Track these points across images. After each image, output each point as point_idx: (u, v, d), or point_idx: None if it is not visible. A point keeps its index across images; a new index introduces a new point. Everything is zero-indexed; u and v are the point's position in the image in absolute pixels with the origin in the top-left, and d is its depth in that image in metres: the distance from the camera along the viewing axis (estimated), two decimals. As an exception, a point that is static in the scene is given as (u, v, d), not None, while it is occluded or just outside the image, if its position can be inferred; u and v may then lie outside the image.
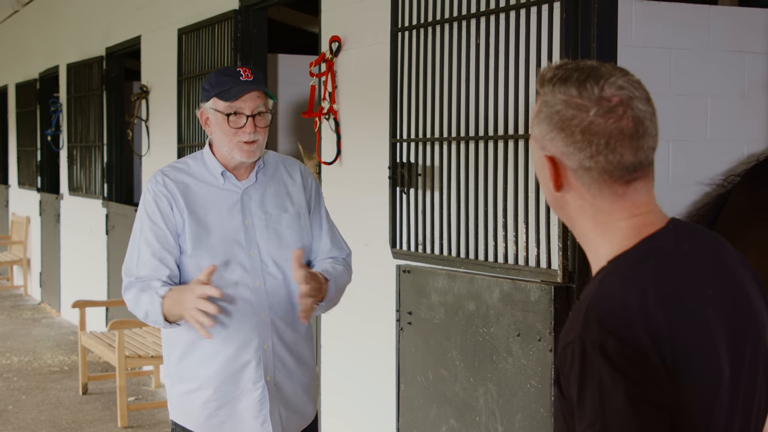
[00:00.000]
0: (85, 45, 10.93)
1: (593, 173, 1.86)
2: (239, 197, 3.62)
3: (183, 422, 3.68)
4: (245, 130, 3.53)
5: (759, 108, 5.38)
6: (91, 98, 10.67)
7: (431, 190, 4.93)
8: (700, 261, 1.90)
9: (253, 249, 3.59)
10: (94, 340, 8.18)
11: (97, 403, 8.10)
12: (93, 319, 10.12)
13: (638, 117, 1.85)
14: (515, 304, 4.32)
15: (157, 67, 8.84)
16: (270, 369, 3.61)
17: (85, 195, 10.93)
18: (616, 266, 1.85)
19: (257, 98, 3.55)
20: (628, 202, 1.88)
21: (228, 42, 7.14)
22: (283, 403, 3.65)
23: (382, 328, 5.34)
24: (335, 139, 5.83)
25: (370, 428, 5.59)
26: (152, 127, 9.04)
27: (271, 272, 3.61)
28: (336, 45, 5.78)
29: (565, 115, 1.86)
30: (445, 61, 4.82)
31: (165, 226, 3.54)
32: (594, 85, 1.85)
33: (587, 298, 1.83)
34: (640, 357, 1.72)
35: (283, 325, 3.63)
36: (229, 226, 3.58)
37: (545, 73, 1.93)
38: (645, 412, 1.71)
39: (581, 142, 1.85)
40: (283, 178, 3.74)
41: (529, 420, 4.24)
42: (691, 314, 1.82)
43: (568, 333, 1.80)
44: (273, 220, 3.64)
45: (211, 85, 3.58)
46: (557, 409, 1.89)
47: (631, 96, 1.85)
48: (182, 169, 3.65)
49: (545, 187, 1.97)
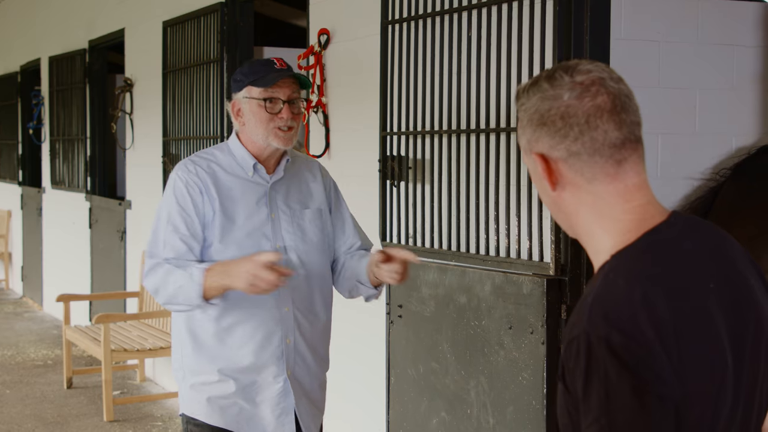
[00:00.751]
0: (67, 38, 10.87)
1: (583, 156, 1.86)
2: (266, 190, 3.61)
3: (196, 415, 3.64)
4: (282, 115, 3.53)
5: (748, 101, 5.39)
6: (73, 91, 10.62)
7: (422, 183, 4.93)
8: (703, 254, 1.90)
9: (279, 242, 3.58)
10: (79, 334, 8.14)
11: (82, 397, 8.07)
12: (76, 313, 10.09)
13: (613, 93, 1.86)
14: (507, 297, 4.31)
15: (141, 60, 8.80)
16: (291, 364, 3.61)
17: (67, 189, 10.88)
18: (620, 261, 1.85)
19: (292, 84, 3.56)
20: (620, 184, 1.87)
21: (214, 35, 7.11)
22: (303, 399, 3.66)
23: (373, 321, 5.34)
24: (324, 132, 5.82)
25: (361, 421, 5.58)
26: (136, 120, 9.00)
27: (295, 267, 3.60)
28: (325, 38, 5.77)
29: (542, 109, 1.88)
30: (436, 54, 4.81)
31: (195, 214, 3.53)
32: (563, 74, 1.88)
33: (591, 293, 1.82)
34: (645, 351, 1.72)
35: (305, 320, 3.65)
36: (256, 219, 3.58)
37: (519, 90, 1.97)
38: (651, 406, 1.71)
39: (563, 129, 1.86)
40: (304, 175, 3.75)
41: (521, 412, 4.25)
42: (695, 308, 1.81)
43: (573, 328, 1.80)
44: (297, 215, 3.65)
45: (244, 75, 3.57)
46: (562, 404, 1.89)
47: (601, 77, 1.87)
48: (211, 159, 3.64)
49: (542, 190, 1.97)
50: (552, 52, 4.14)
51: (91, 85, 10.23)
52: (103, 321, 7.36)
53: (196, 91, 7.45)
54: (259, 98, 3.53)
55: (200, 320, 3.57)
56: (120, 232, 9.28)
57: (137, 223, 8.94)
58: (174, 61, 7.87)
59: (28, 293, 12.85)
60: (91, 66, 10.21)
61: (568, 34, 4.10)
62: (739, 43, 5.39)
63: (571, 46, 4.09)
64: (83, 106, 10.35)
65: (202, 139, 7.32)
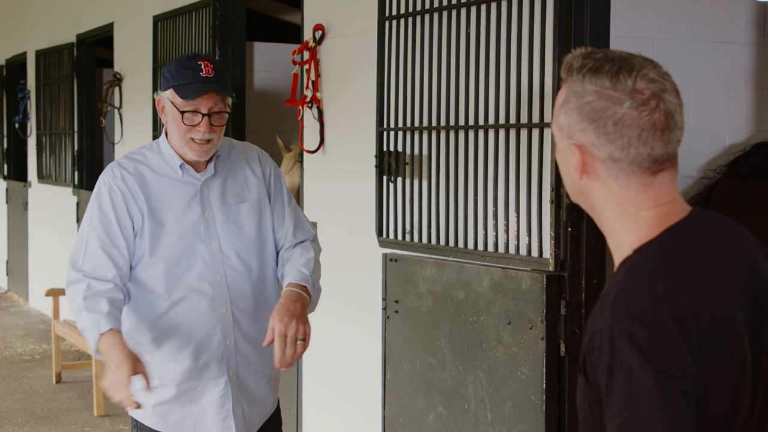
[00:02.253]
0: (54, 32, 10.83)
1: (622, 164, 1.88)
2: (198, 189, 3.55)
3: (143, 419, 3.63)
4: (199, 129, 3.43)
5: (741, 98, 5.43)
6: (61, 85, 10.59)
7: (419, 179, 4.94)
8: (723, 250, 1.93)
9: (213, 242, 3.53)
10: (69, 328, 8.14)
11: (72, 392, 8.06)
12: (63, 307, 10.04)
13: (669, 110, 1.87)
14: (506, 293, 4.33)
15: (131, 54, 8.78)
16: (233, 364, 3.57)
17: (54, 183, 10.85)
18: (642, 255, 1.87)
19: (215, 96, 3.44)
20: (653, 193, 1.90)
21: (206, 29, 7.10)
22: (246, 398, 3.62)
23: (369, 317, 5.35)
24: (318, 128, 5.82)
25: (357, 417, 5.59)
26: (126, 114, 8.98)
27: (232, 265, 3.56)
28: (320, 33, 5.77)
29: (598, 107, 1.88)
30: (434, 51, 4.82)
31: (116, 221, 3.45)
32: (627, 77, 1.87)
33: (614, 287, 1.85)
34: (668, 345, 1.75)
35: (247, 319, 3.59)
36: (188, 220, 3.52)
37: (572, 61, 1.95)
38: (674, 399, 1.73)
39: (613, 134, 1.87)
40: (241, 166, 3.67)
41: (520, 407, 4.27)
42: (716, 302, 1.84)
43: (596, 321, 1.82)
44: (233, 211, 3.58)
45: (171, 74, 3.47)
46: (582, 396, 1.92)
47: (662, 89, 1.87)
48: (140, 161, 3.56)
49: (567, 176, 1.99)
50: (552, 49, 4.15)
51: (78, 80, 10.20)
52: (93, 316, 7.33)
53: (188, 86, 7.42)
54: (179, 108, 3.44)
55: (139, 327, 3.53)
56: (108, 227, 9.24)
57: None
58: (165, 56, 7.85)
59: (13, 288, 12.80)
60: (79, 60, 10.18)
61: (569, 31, 4.11)
62: (733, 41, 5.42)
63: (572, 43, 4.11)
64: (71, 100, 10.32)
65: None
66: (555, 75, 4.14)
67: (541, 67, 4.21)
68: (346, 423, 5.69)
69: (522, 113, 4.32)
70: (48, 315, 10.86)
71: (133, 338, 3.52)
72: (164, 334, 3.51)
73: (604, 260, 4.20)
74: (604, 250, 4.20)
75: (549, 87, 4.18)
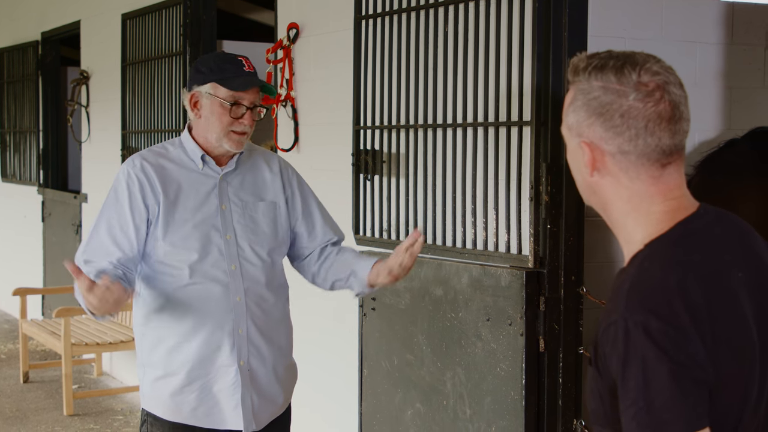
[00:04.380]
0: (18, 29, 10.76)
1: (631, 157, 1.92)
2: (217, 182, 3.61)
3: (154, 410, 3.66)
4: (243, 121, 3.52)
5: (710, 97, 5.50)
6: (25, 83, 10.52)
7: (396, 177, 4.97)
8: (731, 244, 1.98)
9: (229, 233, 3.58)
10: (37, 327, 8.09)
11: (40, 392, 8.02)
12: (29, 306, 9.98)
13: (674, 101, 1.91)
14: (485, 290, 4.38)
15: (98, 52, 8.74)
16: (244, 354, 3.61)
17: (19, 182, 10.78)
18: (654, 249, 1.92)
19: (257, 92, 3.56)
20: (662, 185, 1.94)
21: (176, 28, 7.10)
22: (256, 390, 3.65)
23: (346, 315, 5.37)
24: (292, 126, 5.84)
25: (334, 413, 5.62)
26: (93, 113, 8.94)
27: (247, 257, 3.61)
28: (294, 32, 5.79)
29: (604, 101, 1.92)
30: (411, 49, 4.86)
31: (129, 208, 3.51)
32: (631, 71, 1.91)
33: (627, 280, 1.89)
34: (682, 336, 1.79)
35: (259, 309, 3.64)
36: (205, 211, 3.57)
37: (578, 63, 1.99)
38: (688, 390, 1.77)
39: (620, 126, 1.91)
40: (260, 167, 3.74)
41: (499, 403, 4.31)
42: (725, 294, 1.89)
43: (610, 314, 1.86)
44: (249, 207, 3.64)
45: (209, 69, 3.53)
46: (593, 388, 1.95)
47: (666, 81, 1.92)
48: (161, 154, 3.63)
49: (578, 174, 2.03)
50: (531, 47, 4.20)
51: (43, 78, 10.14)
52: (63, 315, 7.32)
53: (157, 84, 7.43)
54: (224, 100, 3.51)
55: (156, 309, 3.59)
56: (75, 226, 9.21)
57: (94, 216, 8.86)
58: (134, 54, 7.83)
59: (-26, 287, 12.69)
60: (43, 58, 10.12)
61: (548, 29, 4.16)
62: (702, 40, 5.50)
63: (551, 42, 4.15)
64: (35, 98, 10.25)
65: (163, 132, 7.31)
66: (534, 73, 4.18)
67: (519, 65, 4.26)
68: (324, 419, 5.71)
69: (501, 111, 4.36)
70: (11, 314, 10.80)
71: (145, 326, 3.62)
72: (179, 320, 3.56)
73: (582, 257, 4.25)
74: (582, 247, 4.25)
75: (528, 85, 4.23)
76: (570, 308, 4.23)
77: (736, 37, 5.58)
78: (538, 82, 4.16)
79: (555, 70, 4.16)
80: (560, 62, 4.15)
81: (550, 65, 4.16)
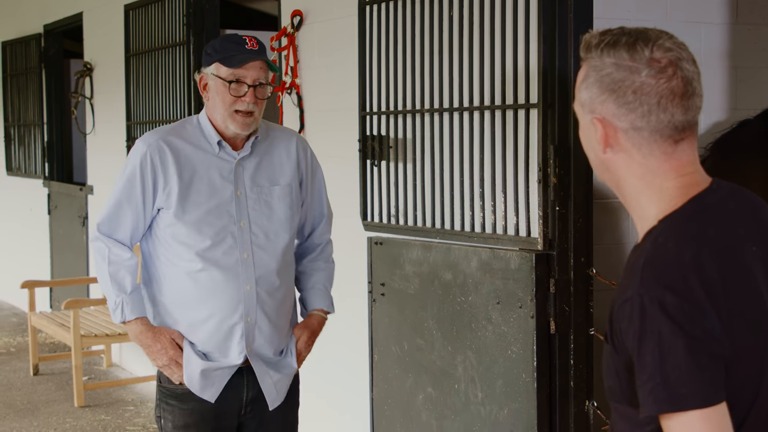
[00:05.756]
0: (21, 22, 10.76)
1: (644, 133, 1.93)
2: (233, 167, 3.61)
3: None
4: (244, 99, 3.52)
5: (716, 77, 5.49)
6: (29, 76, 10.52)
7: (404, 162, 4.97)
8: (744, 219, 1.99)
9: (243, 220, 3.59)
10: (45, 320, 8.10)
11: (50, 384, 8.04)
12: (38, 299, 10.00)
13: (687, 77, 1.92)
14: (494, 273, 4.38)
15: (101, 43, 8.74)
16: (250, 341, 3.63)
17: (24, 175, 10.79)
18: (668, 225, 1.92)
19: (260, 69, 3.54)
20: (675, 162, 1.95)
21: (179, 17, 7.09)
22: (273, 368, 3.69)
23: (355, 301, 5.38)
24: (298, 114, 5.84)
25: (345, 400, 5.63)
26: (97, 105, 8.94)
27: (260, 244, 3.62)
28: (298, 19, 5.78)
29: (617, 78, 1.93)
30: (416, 34, 4.85)
31: (141, 186, 3.55)
32: (644, 47, 1.91)
33: (642, 256, 1.89)
34: (697, 311, 1.80)
35: (269, 298, 3.64)
36: (220, 196, 3.58)
37: (590, 39, 1.99)
38: (704, 364, 1.78)
39: (633, 103, 1.92)
40: (277, 148, 3.73)
41: (511, 386, 4.32)
42: (740, 269, 1.90)
43: (626, 290, 1.87)
44: (264, 192, 3.64)
45: (214, 50, 3.57)
46: (609, 364, 1.96)
47: (679, 57, 1.92)
48: (178, 133, 3.63)
49: (591, 151, 2.03)
50: (537, 29, 4.19)
51: (47, 70, 10.14)
52: (72, 306, 7.33)
53: (162, 75, 7.43)
54: (224, 78, 3.52)
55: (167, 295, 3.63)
56: (81, 218, 9.23)
57: (100, 207, 8.88)
58: (137, 45, 7.83)
59: (-19, 281, 12.71)
60: (47, 51, 10.12)
61: (553, 11, 4.15)
62: (707, 21, 5.49)
63: (556, 23, 4.15)
64: (39, 91, 10.26)
65: (168, 122, 7.31)
66: (540, 55, 4.18)
67: (526, 48, 4.25)
68: (334, 406, 5.72)
69: (507, 94, 4.36)
70: (20, 308, 10.82)
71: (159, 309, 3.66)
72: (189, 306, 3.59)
73: (591, 238, 4.25)
74: (591, 229, 4.25)
75: (534, 67, 4.22)
76: (580, 290, 4.23)
77: (740, 17, 5.57)
78: (545, 64, 4.16)
79: (561, 52, 4.15)
80: (566, 44, 4.14)
81: (556, 47, 4.16)
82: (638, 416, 1.85)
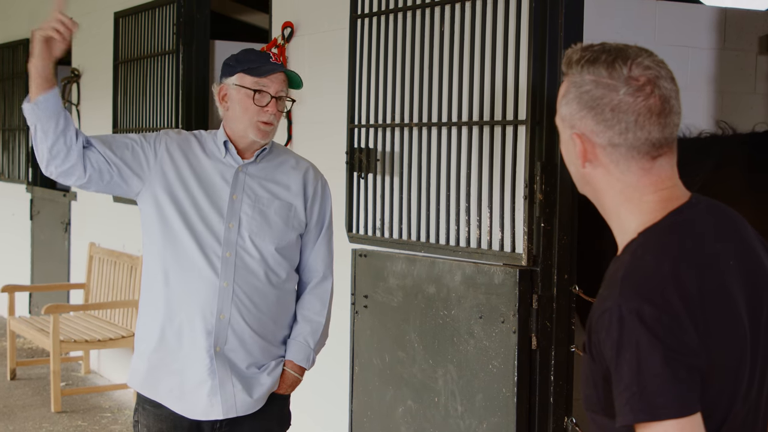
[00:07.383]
0: (8, 27, 10.75)
1: (621, 149, 1.96)
2: (234, 171, 3.64)
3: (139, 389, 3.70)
4: (267, 109, 3.56)
5: (701, 101, 5.56)
6: (15, 81, 10.51)
7: (390, 176, 5.00)
8: (723, 232, 2.02)
9: (233, 222, 3.60)
10: (25, 324, 8.08)
11: (27, 389, 8.00)
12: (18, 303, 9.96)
13: (665, 95, 1.95)
14: (478, 287, 4.40)
15: (90, 50, 8.75)
16: (221, 340, 3.59)
17: (8, 180, 10.76)
18: (647, 238, 1.95)
19: (282, 81, 3.61)
20: (654, 177, 1.98)
21: (169, 27, 7.11)
22: (238, 378, 3.62)
23: (338, 312, 5.37)
24: (286, 125, 5.86)
25: (324, 410, 5.64)
26: (84, 111, 8.94)
27: (245, 247, 3.61)
28: (288, 31, 5.81)
29: (595, 95, 1.96)
30: (407, 48, 4.89)
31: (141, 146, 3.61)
32: (622, 65, 1.94)
33: (621, 268, 1.92)
34: (675, 323, 1.83)
35: (247, 299, 3.62)
36: (215, 196, 3.61)
37: (572, 55, 2.03)
38: (680, 376, 1.81)
39: (611, 120, 1.95)
40: (287, 171, 3.74)
41: (491, 400, 4.34)
42: (717, 283, 1.93)
43: (605, 301, 1.89)
44: (262, 202, 3.65)
45: (237, 61, 3.62)
46: (587, 374, 1.98)
47: (657, 75, 1.95)
48: (195, 135, 3.73)
49: (572, 165, 2.07)
50: (527, 47, 4.23)
51: (33, 76, 10.10)
52: (52, 311, 7.31)
53: (150, 83, 7.44)
54: (249, 88, 3.57)
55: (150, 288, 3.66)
56: (64, 224, 9.21)
57: (83, 214, 8.89)
58: (126, 53, 7.84)
59: (-40, 286, 12.64)
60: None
61: (544, 30, 4.19)
62: (694, 45, 5.56)
63: (546, 42, 4.19)
64: (25, 96, 10.20)
65: (155, 131, 7.31)
66: (529, 72, 4.22)
67: (515, 65, 4.29)
68: (314, 418, 5.72)
69: (496, 110, 4.40)
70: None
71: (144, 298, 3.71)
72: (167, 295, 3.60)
73: (575, 255, 4.29)
74: (575, 246, 4.29)
75: (523, 84, 4.26)
76: (562, 306, 4.26)
77: (728, 43, 5.64)
78: (534, 81, 4.20)
79: (551, 70, 4.20)
80: (556, 62, 4.19)
81: (545, 64, 4.20)
82: (614, 426, 1.88)
